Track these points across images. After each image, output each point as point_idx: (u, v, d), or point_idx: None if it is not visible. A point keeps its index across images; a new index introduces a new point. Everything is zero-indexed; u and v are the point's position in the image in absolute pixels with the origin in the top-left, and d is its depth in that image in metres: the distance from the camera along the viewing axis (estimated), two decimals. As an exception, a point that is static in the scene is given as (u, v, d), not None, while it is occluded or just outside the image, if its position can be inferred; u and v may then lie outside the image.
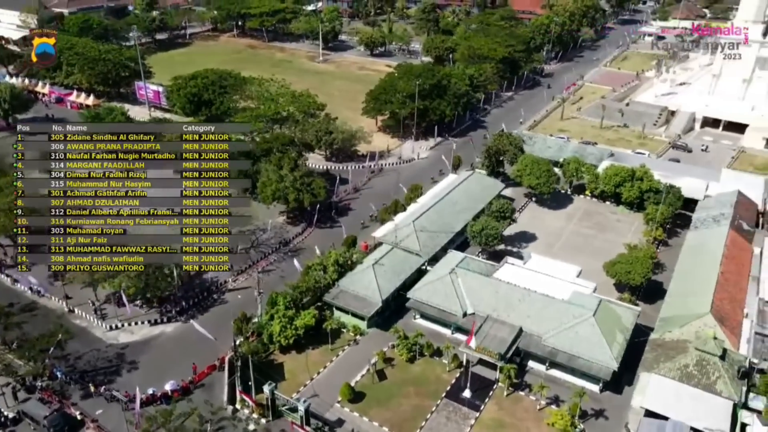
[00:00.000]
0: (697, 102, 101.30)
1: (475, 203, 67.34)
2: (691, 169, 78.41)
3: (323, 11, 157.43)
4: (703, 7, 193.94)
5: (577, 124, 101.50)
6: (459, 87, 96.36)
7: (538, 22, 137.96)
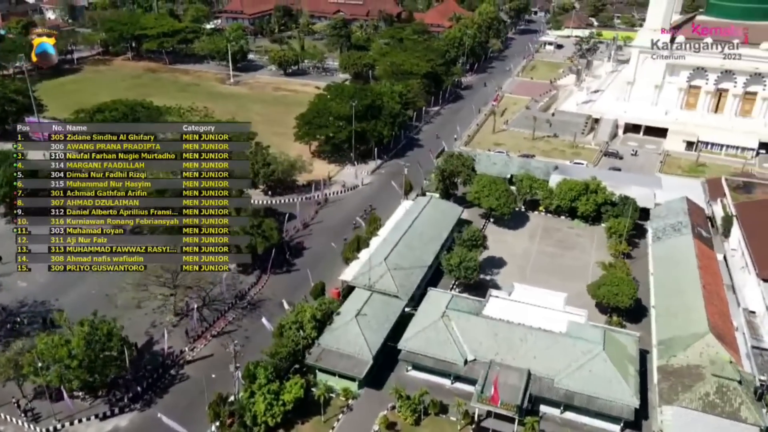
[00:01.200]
0: (616, 109, 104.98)
1: (439, 231, 63.85)
2: (634, 177, 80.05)
3: (226, 30, 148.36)
4: (590, 16, 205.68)
5: (509, 137, 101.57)
6: (393, 106, 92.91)
7: (450, 35, 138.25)
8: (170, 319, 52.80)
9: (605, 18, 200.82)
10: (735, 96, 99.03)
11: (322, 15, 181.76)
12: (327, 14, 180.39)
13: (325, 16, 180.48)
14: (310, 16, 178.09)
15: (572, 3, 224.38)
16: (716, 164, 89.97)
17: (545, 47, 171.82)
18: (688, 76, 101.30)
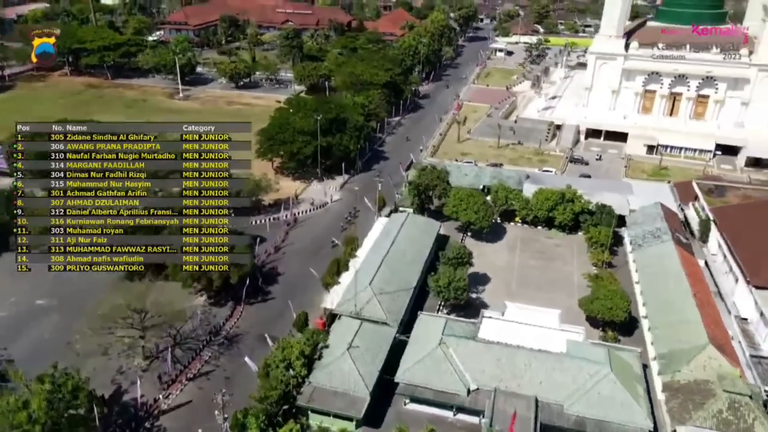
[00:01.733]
0: (577, 115, 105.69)
1: (420, 249, 61.31)
2: (605, 183, 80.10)
3: (171, 42, 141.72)
4: (534, 23, 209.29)
5: (475, 146, 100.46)
6: (357, 119, 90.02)
7: (405, 43, 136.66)
8: (139, 364, 47.91)
9: (550, 24, 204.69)
10: (688, 99, 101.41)
11: (270, 25, 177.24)
12: (275, 24, 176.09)
13: (273, 26, 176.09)
14: (257, 26, 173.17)
15: (517, 11, 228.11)
16: (678, 167, 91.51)
17: (496, 54, 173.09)
18: (644, 80, 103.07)
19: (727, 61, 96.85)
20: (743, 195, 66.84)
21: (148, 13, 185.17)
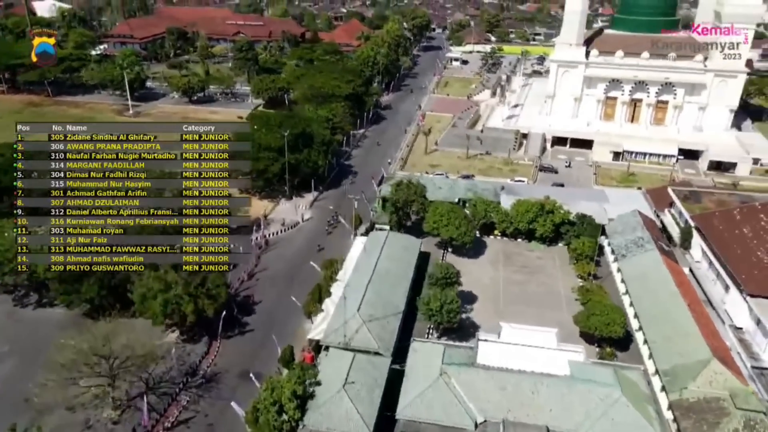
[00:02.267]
0: (542, 123, 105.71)
1: (405, 269, 58.52)
2: (580, 192, 79.68)
3: (117, 56, 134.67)
4: (486, 31, 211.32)
5: (443, 157, 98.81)
6: (323, 133, 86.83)
7: (363, 54, 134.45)
8: (109, 415, 43.09)
9: (502, 33, 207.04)
10: (649, 105, 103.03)
11: (220, 37, 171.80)
12: (226, 36, 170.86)
13: (224, 38, 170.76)
14: (207, 38, 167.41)
15: (468, 20, 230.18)
16: (644, 173, 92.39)
17: (452, 63, 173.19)
18: (605, 87, 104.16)
19: (684, 67, 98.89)
20: (718, 200, 67.31)
21: (89, 27, 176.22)
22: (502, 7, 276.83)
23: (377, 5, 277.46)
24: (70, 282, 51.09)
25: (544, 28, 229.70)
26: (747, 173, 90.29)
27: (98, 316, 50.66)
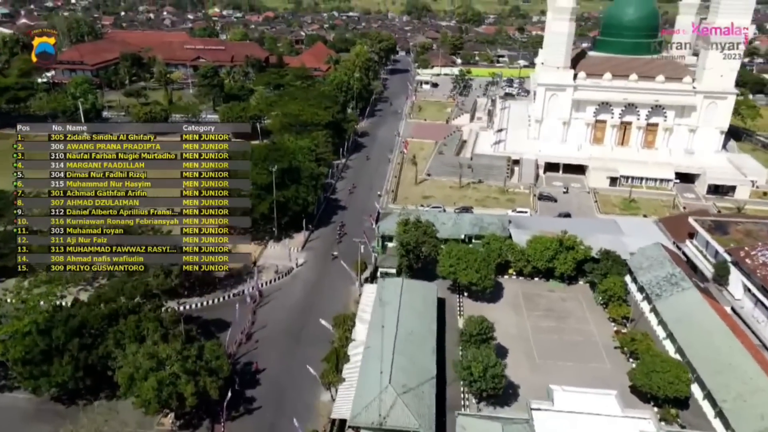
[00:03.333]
0: (531, 148, 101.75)
1: (428, 324, 51.92)
2: (590, 223, 75.19)
3: (68, 84, 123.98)
4: (451, 54, 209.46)
5: (434, 187, 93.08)
6: (311, 167, 79.71)
7: (337, 79, 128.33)
8: None
9: (467, 56, 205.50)
10: (639, 128, 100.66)
11: (179, 62, 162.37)
12: (185, 61, 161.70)
13: (182, 63, 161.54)
14: (165, 64, 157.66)
15: (431, 43, 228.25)
16: (644, 198, 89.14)
17: (422, 86, 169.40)
18: (594, 110, 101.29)
19: (674, 89, 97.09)
20: (745, 230, 63.84)
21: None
22: (461, 29, 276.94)
23: (336, 28, 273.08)
24: (36, 363, 42.05)
25: (506, 50, 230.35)
26: (747, 196, 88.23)
27: (72, 402, 41.85)
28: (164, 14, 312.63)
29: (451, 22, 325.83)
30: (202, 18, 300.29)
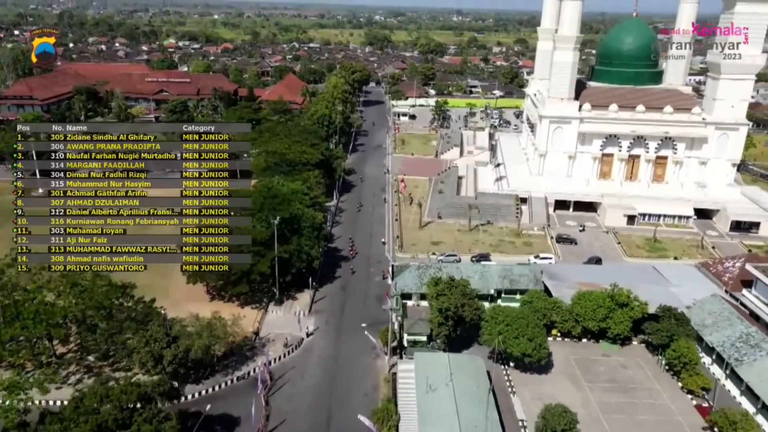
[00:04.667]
0: (536, 185, 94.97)
1: (491, 414, 42.53)
2: (630, 272, 67.67)
3: (17, 120, 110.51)
4: (423, 84, 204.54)
5: (441, 230, 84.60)
6: (313, 215, 70.01)
7: (318, 113, 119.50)
8: None
9: (441, 86, 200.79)
10: (648, 161, 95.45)
11: (139, 96, 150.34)
12: (146, 95, 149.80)
13: (144, 97, 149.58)
14: (125, 98, 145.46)
15: (401, 74, 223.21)
16: (668, 238, 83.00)
17: (400, 119, 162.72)
18: (601, 144, 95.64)
19: (684, 121, 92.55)
20: (812, 278, 57.56)
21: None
22: (427, 59, 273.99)
23: (301, 59, 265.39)
24: None
25: (477, 80, 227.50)
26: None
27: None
28: (117, 45, 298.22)
29: (414, 53, 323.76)
30: (158, 49, 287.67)
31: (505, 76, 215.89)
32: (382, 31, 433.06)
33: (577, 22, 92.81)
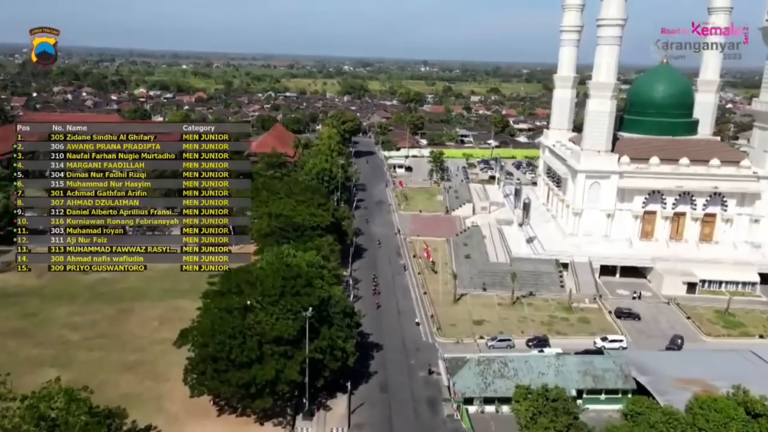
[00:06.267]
0: (572, 247, 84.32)
1: None
2: (721, 360, 56.13)
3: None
4: (413, 134, 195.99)
5: (479, 305, 72.46)
6: (342, 299, 57.10)
7: (317, 167, 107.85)
8: None
9: (434, 136, 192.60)
10: (695, 220, 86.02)
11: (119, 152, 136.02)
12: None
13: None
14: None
15: (388, 123, 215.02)
16: (739, 309, 72.39)
17: (396, 171, 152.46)
18: (644, 201, 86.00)
19: (734, 175, 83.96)
20: None
21: None
22: (410, 108, 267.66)
23: (280, 109, 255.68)
24: None
25: (465, 129, 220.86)
26: None
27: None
28: (84, 95, 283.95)
29: (393, 102, 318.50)
30: (128, 99, 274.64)
31: (496, 125, 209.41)
32: (357, 81, 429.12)
33: (615, 68, 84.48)
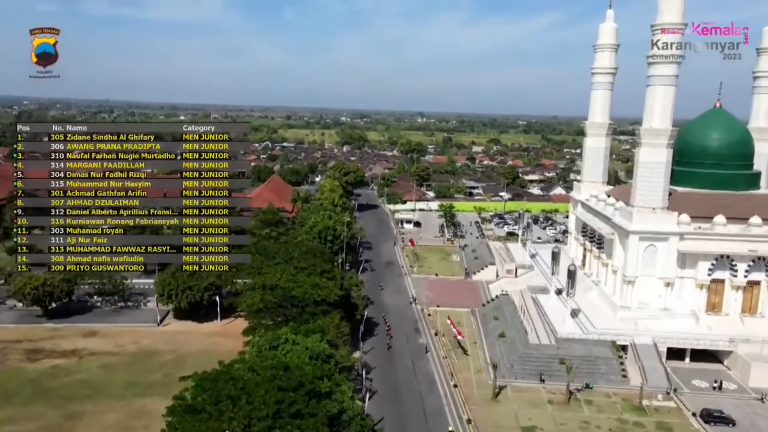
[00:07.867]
0: (630, 324, 70.08)
1: None
2: None
3: None
4: (418, 185, 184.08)
5: (525, 403, 57.37)
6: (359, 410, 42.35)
7: (320, 225, 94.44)
8: None
9: (442, 188, 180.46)
10: (772, 290, 72.18)
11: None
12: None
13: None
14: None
15: (392, 174, 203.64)
16: None
17: (404, 226, 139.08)
18: (710, 267, 72.29)
19: (817, 237, 70.68)
20: None
21: None
22: (412, 159, 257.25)
23: (277, 159, 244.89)
24: None
25: (472, 181, 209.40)
26: None
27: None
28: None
29: (394, 152, 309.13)
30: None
31: (506, 176, 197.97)
32: (356, 131, 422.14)
33: (671, 111, 72.40)
